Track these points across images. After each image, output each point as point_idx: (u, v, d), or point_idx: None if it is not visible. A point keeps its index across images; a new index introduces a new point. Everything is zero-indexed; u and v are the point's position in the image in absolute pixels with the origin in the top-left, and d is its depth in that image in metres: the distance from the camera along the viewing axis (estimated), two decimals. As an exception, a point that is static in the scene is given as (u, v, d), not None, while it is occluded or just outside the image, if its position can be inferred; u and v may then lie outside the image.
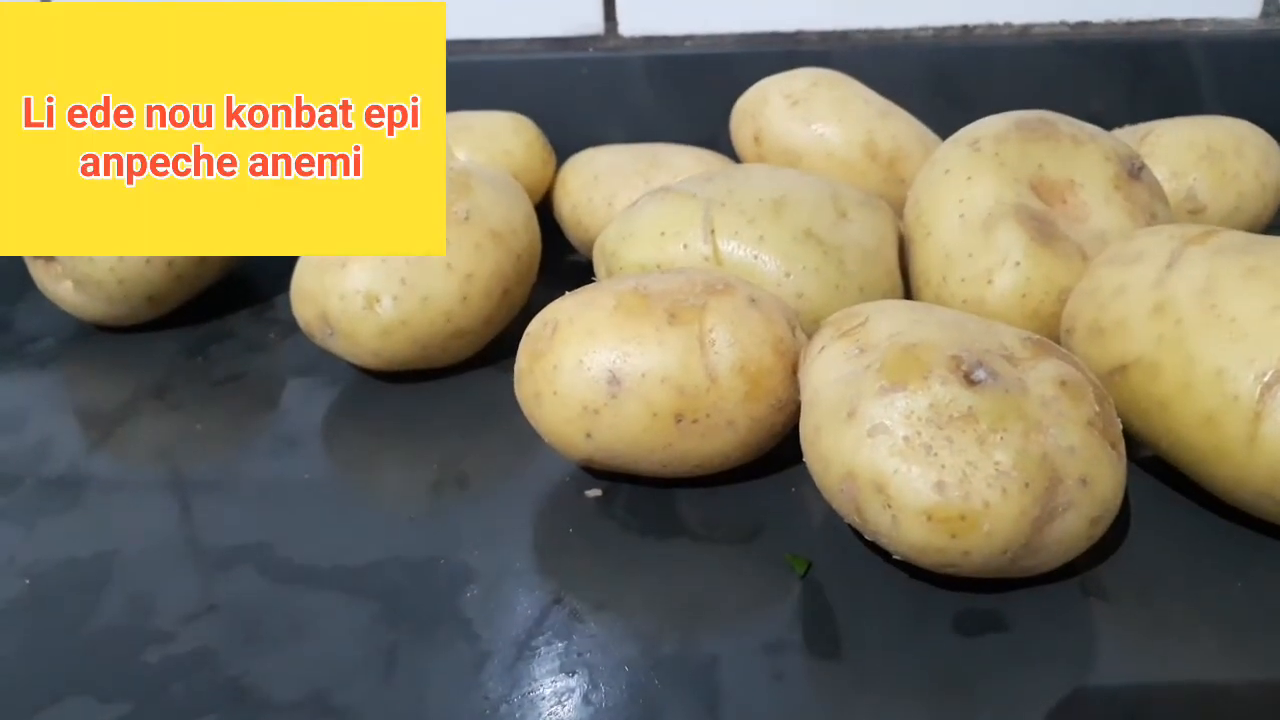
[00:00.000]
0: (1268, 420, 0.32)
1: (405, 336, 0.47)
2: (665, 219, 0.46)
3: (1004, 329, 0.35)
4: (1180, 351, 0.35)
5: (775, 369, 0.38)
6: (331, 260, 0.47)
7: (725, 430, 0.38)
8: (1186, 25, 0.61)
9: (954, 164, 0.45)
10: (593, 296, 0.39)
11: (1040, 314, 0.42)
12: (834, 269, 0.44)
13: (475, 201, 0.49)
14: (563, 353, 0.38)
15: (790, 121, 0.54)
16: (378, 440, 0.46)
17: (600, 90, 0.65)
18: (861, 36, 0.63)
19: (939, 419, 0.31)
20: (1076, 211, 0.45)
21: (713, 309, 0.38)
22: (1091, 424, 0.32)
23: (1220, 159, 0.50)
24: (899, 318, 0.35)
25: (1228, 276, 0.35)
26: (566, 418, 0.38)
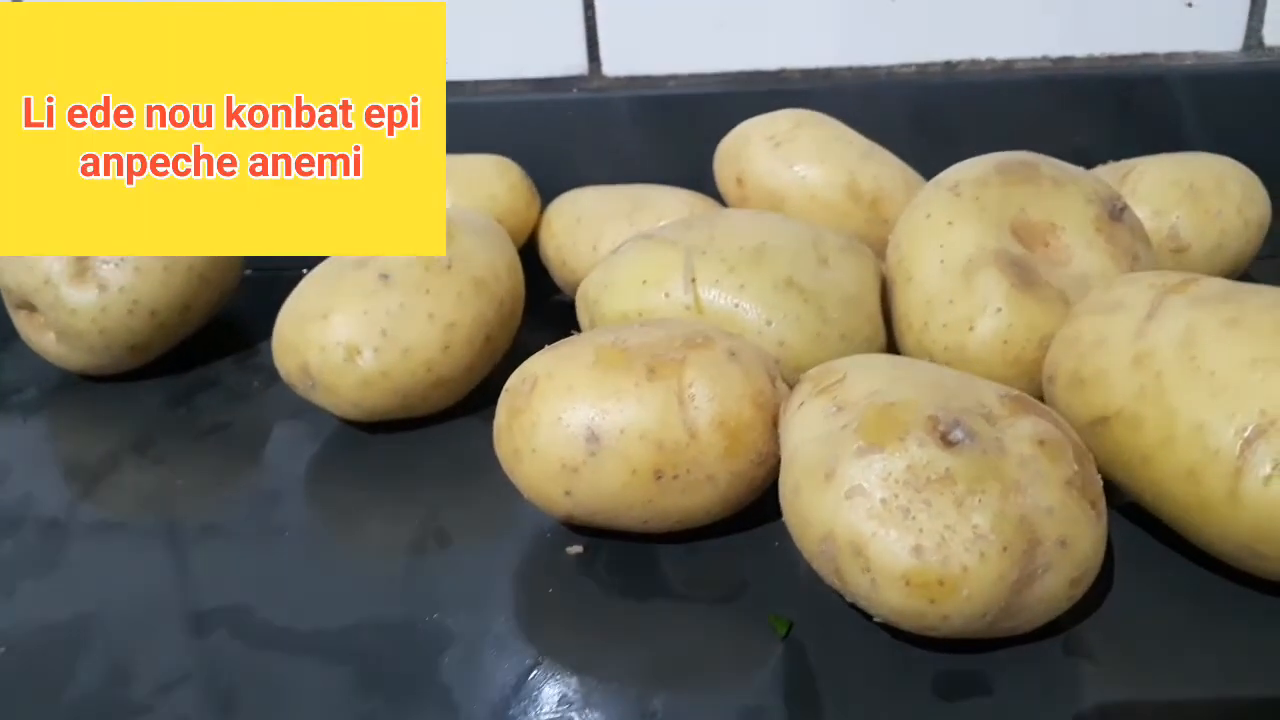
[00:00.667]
0: (1248, 476, 0.32)
1: (386, 388, 0.47)
2: (646, 267, 0.46)
3: (983, 385, 0.35)
4: (1161, 405, 0.35)
5: (755, 423, 0.38)
6: (312, 312, 0.47)
7: (706, 486, 0.38)
8: (1169, 59, 0.61)
9: (935, 208, 0.45)
10: (572, 351, 0.39)
11: (1022, 360, 0.42)
12: (815, 317, 0.44)
13: (458, 249, 0.49)
14: (541, 409, 0.38)
15: (772, 163, 0.54)
16: (359, 494, 0.46)
17: (585, 131, 0.65)
18: (845, 74, 0.63)
19: (916, 481, 0.31)
20: (1058, 255, 0.45)
21: (692, 363, 0.38)
22: (1070, 483, 0.32)
23: (1202, 197, 0.50)
24: (877, 374, 0.35)
25: (1207, 328, 0.35)
26: (545, 475, 0.38)
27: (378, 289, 0.47)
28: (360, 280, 0.47)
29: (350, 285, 0.47)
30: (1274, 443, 0.32)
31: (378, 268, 0.48)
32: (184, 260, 0.55)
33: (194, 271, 0.55)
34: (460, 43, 0.65)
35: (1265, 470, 0.32)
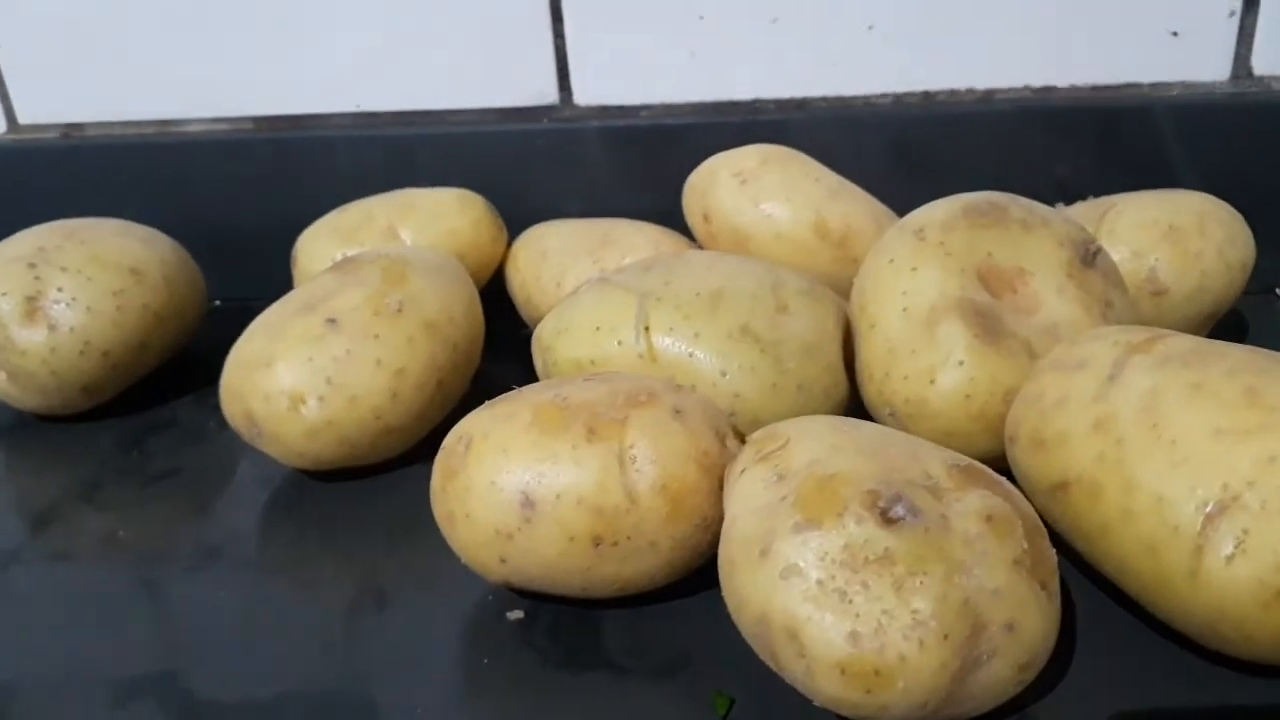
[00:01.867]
0: (1209, 554, 0.30)
1: (332, 437, 0.45)
2: (600, 313, 0.45)
3: (932, 452, 0.33)
4: (1120, 474, 0.33)
5: (700, 486, 0.36)
6: (256, 358, 0.46)
7: (648, 552, 0.36)
8: (1154, 89, 0.59)
9: (898, 253, 0.44)
10: (510, 409, 0.37)
11: (985, 415, 0.40)
12: (771, 367, 0.43)
13: (410, 291, 0.48)
14: (475, 473, 0.36)
15: (739, 201, 0.53)
16: (300, 550, 0.44)
17: (556, 162, 0.63)
18: (820, 105, 0.62)
19: (854, 561, 0.29)
20: (1026, 302, 0.43)
21: (634, 423, 0.36)
22: (1019, 563, 0.30)
23: (1183, 237, 0.48)
24: (820, 441, 0.33)
25: (1171, 392, 0.33)
26: (479, 541, 0.36)
27: (324, 334, 0.46)
28: (306, 325, 0.46)
29: (296, 330, 0.46)
30: (1237, 520, 0.30)
31: (325, 312, 0.46)
32: (138, 299, 0.54)
33: (149, 310, 0.54)
34: (427, 71, 0.64)
35: (1227, 549, 0.30)
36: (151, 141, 0.66)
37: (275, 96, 0.66)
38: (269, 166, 0.66)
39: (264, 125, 0.67)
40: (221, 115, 0.67)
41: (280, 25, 0.63)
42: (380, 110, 0.66)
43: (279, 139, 0.66)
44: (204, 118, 0.68)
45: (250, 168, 0.66)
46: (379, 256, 0.50)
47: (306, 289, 0.49)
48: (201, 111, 0.67)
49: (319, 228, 0.58)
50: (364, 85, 0.65)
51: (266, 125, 0.67)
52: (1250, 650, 0.31)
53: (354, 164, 0.65)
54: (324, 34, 0.63)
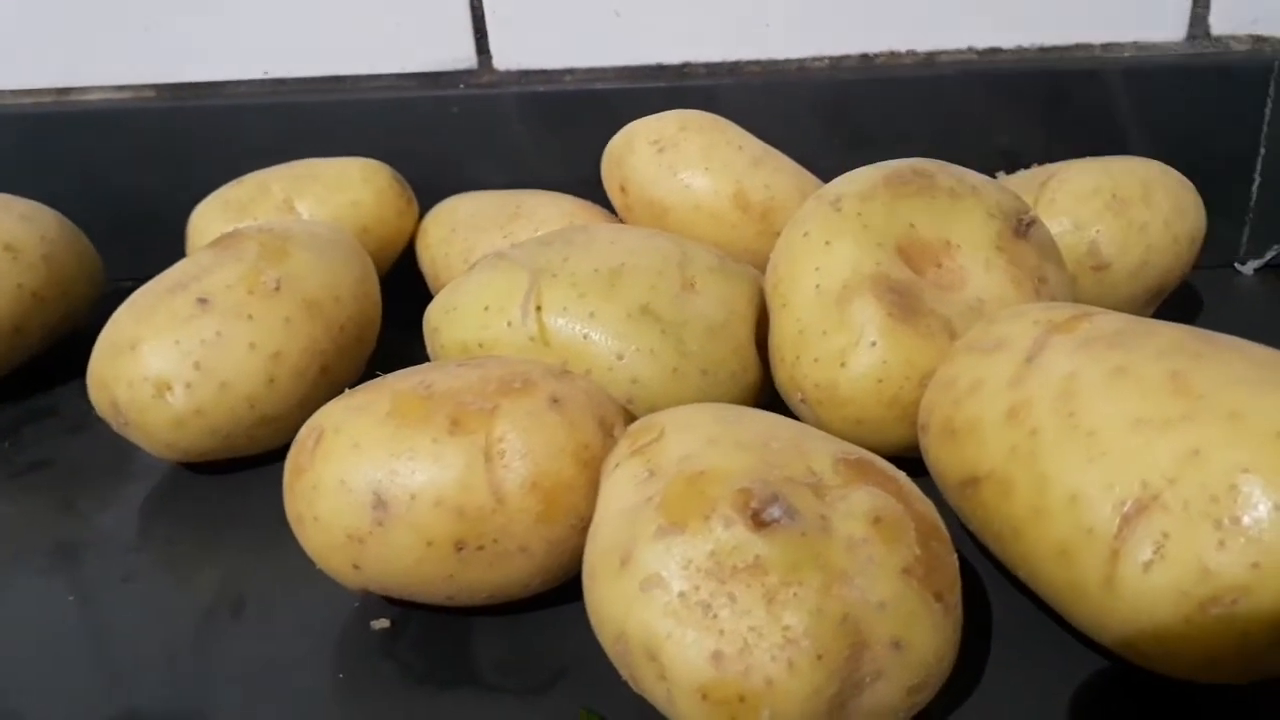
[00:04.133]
0: (1125, 560, 0.27)
1: (202, 427, 0.42)
2: (490, 292, 0.41)
3: (820, 445, 0.29)
4: (1033, 469, 0.29)
5: (576, 483, 0.32)
6: (121, 342, 0.42)
7: (518, 557, 0.32)
8: (1105, 50, 0.55)
9: (813, 226, 0.40)
10: (368, 399, 0.34)
11: (900, 401, 0.37)
12: (672, 350, 0.39)
13: (290, 268, 0.44)
14: (323, 470, 0.32)
15: (656, 170, 0.49)
16: (164, 552, 0.40)
17: (474, 130, 0.59)
18: (753, 68, 0.58)
19: (721, 570, 0.26)
20: (950, 278, 0.40)
21: (504, 413, 0.32)
22: (909, 572, 0.26)
23: (1126, 207, 0.44)
24: (696, 434, 0.29)
25: (1091, 377, 0.30)
26: (330, 546, 0.33)
27: (193, 315, 0.42)
28: (175, 306, 0.42)
29: (164, 312, 0.42)
30: (1156, 522, 0.27)
31: (197, 291, 0.43)
32: (12, 278, 0.50)
33: (25, 290, 0.50)
34: (338, 36, 0.60)
35: (1145, 555, 0.27)
36: (48, 111, 0.62)
37: (180, 63, 0.62)
38: (173, 137, 0.62)
39: (167, 93, 0.63)
40: (123, 82, 0.63)
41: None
42: (289, 77, 0.61)
43: (183, 107, 0.62)
44: (105, 85, 0.63)
45: (154, 138, 0.62)
46: (259, 231, 0.46)
47: (181, 266, 0.45)
48: (102, 79, 0.63)
49: (211, 202, 0.54)
50: (272, 50, 0.61)
51: (170, 93, 0.63)
52: (1172, 667, 0.28)
53: (262, 134, 0.61)
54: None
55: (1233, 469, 0.26)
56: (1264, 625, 0.25)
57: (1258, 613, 0.25)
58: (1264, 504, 0.25)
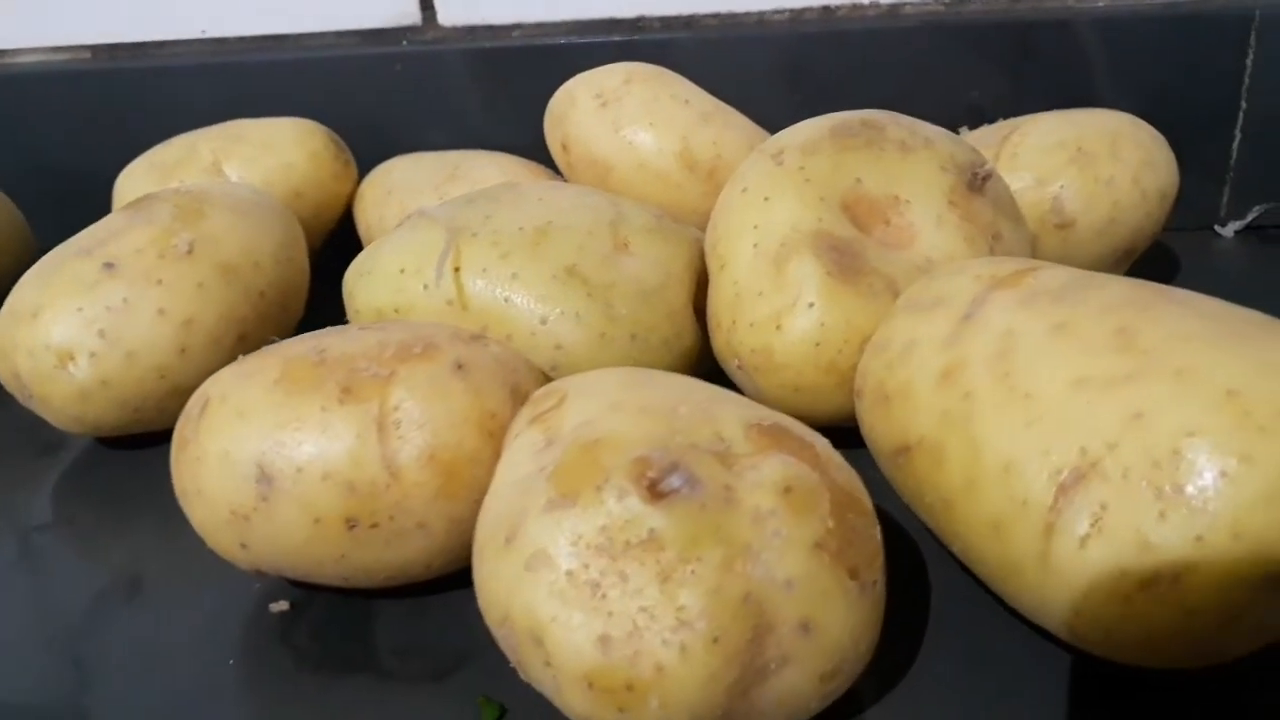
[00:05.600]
0: (1060, 535, 0.25)
1: (109, 399, 0.39)
2: (407, 253, 0.38)
3: (733, 410, 0.27)
4: (965, 435, 0.27)
5: (481, 455, 0.30)
6: (23, 308, 0.40)
7: (416, 535, 0.30)
8: (1078, 0, 0.53)
9: (752, 181, 0.37)
10: (258, 365, 0.31)
11: (838, 367, 0.34)
12: (599, 313, 0.36)
13: (205, 231, 0.41)
14: (207, 441, 0.30)
15: (598, 126, 0.46)
16: (64, 530, 0.38)
17: (418, 89, 0.57)
18: (710, 22, 0.55)
19: (613, 546, 0.23)
20: (899, 235, 0.37)
21: (401, 380, 0.30)
22: (821, 547, 0.24)
23: (1092, 162, 0.42)
24: (598, 399, 0.27)
25: (1030, 335, 0.27)
26: (215, 523, 0.30)
27: (99, 280, 0.39)
28: (80, 270, 0.40)
29: (68, 276, 0.40)
30: (1094, 492, 0.24)
31: (104, 256, 0.40)
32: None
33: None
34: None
35: (1082, 528, 0.24)
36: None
37: (116, 23, 0.59)
38: (110, 99, 0.59)
39: (104, 54, 0.60)
40: (59, 44, 0.61)
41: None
42: (228, 36, 0.59)
43: (120, 69, 0.59)
44: (39, 47, 0.61)
45: (90, 101, 0.60)
46: (175, 193, 0.43)
47: (90, 230, 0.42)
48: (35, 40, 0.61)
49: (138, 164, 0.51)
50: (210, 8, 0.58)
51: (106, 54, 0.60)
52: (1111, 650, 0.25)
53: (201, 95, 0.58)
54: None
55: (1177, 432, 0.23)
56: (1210, 605, 0.23)
57: (1202, 591, 0.23)
58: (1210, 470, 0.23)
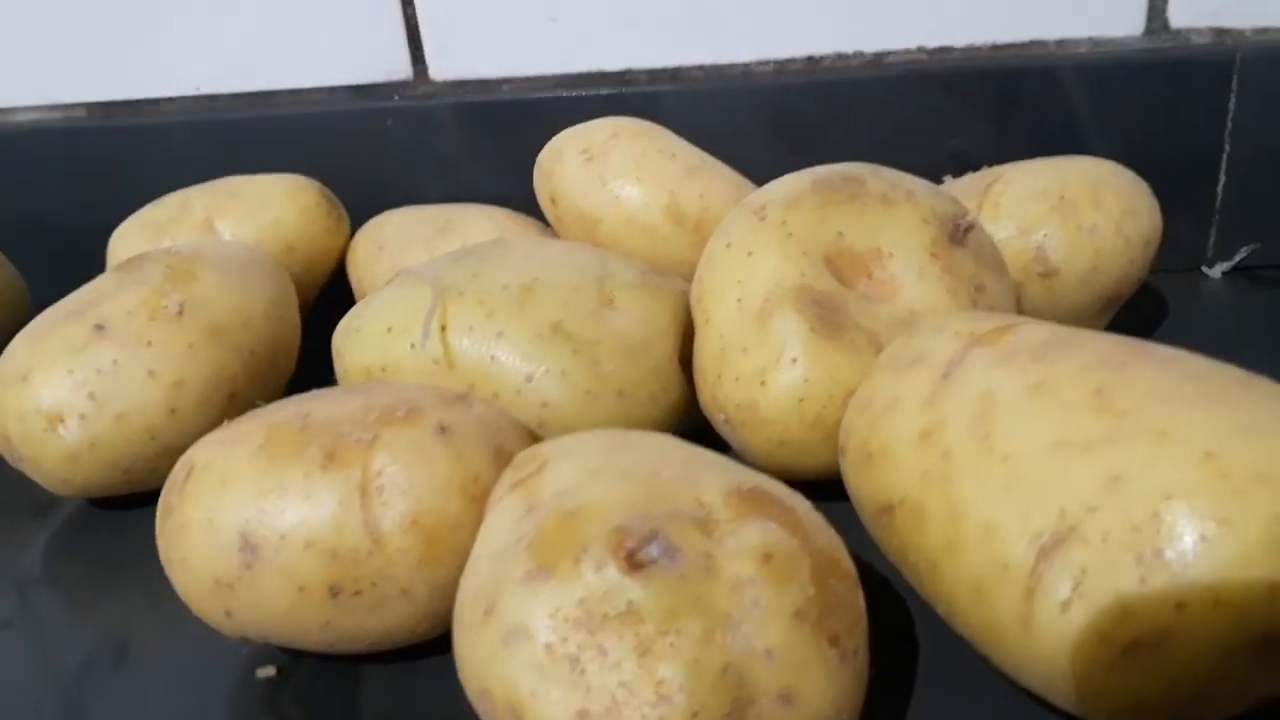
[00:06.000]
0: (1041, 599, 0.24)
1: (98, 460, 0.40)
2: (394, 312, 0.39)
3: (714, 474, 0.27)
4: (946, 497, 0.27)
5: (464, 520, 0.30)
6: (12, 372, 0.40)
7: (400, 602, 0.30)
8: (1060, 47, 0.53)
9: (736, 236, 0.38)
10: (242, 432, 0.31)
11: (824, 422, 0.34)
12: (586, 370, 0.37)
13: (196, 292, 0.42)
14: (191, 509, 0.30)
15: (585, 181, 0.47)
16: (53, 594, 0.38)
17: (410, 143, 0.57)
18: (696, 74, 0.56)
19: (591, 619, 0.23)
20: (882, 289, 0.37)
21: (384, 445, 0.30)
22: (801, 615, 0.24)
23: (1074, 210, 0.42)
24: (579, 465, 0.27)
25: (1008, 395, 0.27)
26: (200, 592, 0.30)
27: (89, 343, 0.40)
28: (70, 333, 0.40)
29: (58, 339, 0.40)
30: (1074, 556, 0.24)
31: (94, 317, 0.40)
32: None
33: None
34: (270, 49, 0.58)
35: (1063, 593, 0.24)
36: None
37: (111, 81, 0.60)
38: (105, 157, 0.60)
39: (99, 111, 0.61)
40: (55, 102, 0.61)
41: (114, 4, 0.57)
42: (222, 92, 0.60)
43: (114, 126, 0.60)
44: (36, 105, 0.62)
45: (85, 158, 0.60)
46: (167, 253, 0.44)
47: (82, 291, 0.43)
48: (32, 99, 0.61)
49: (131, 223, 0.52)
50: (204, 66, 0.59)
51: (101, 111, 0.61)
52: (1096, 714, 0.25)
53: (196, 152, 0.59)
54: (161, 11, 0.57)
55: (1156, 495, 0.23)
56: (1193, 671, 0.23)
57: (1183, 658, 0.23)
58: (1189, 535, 0.23)
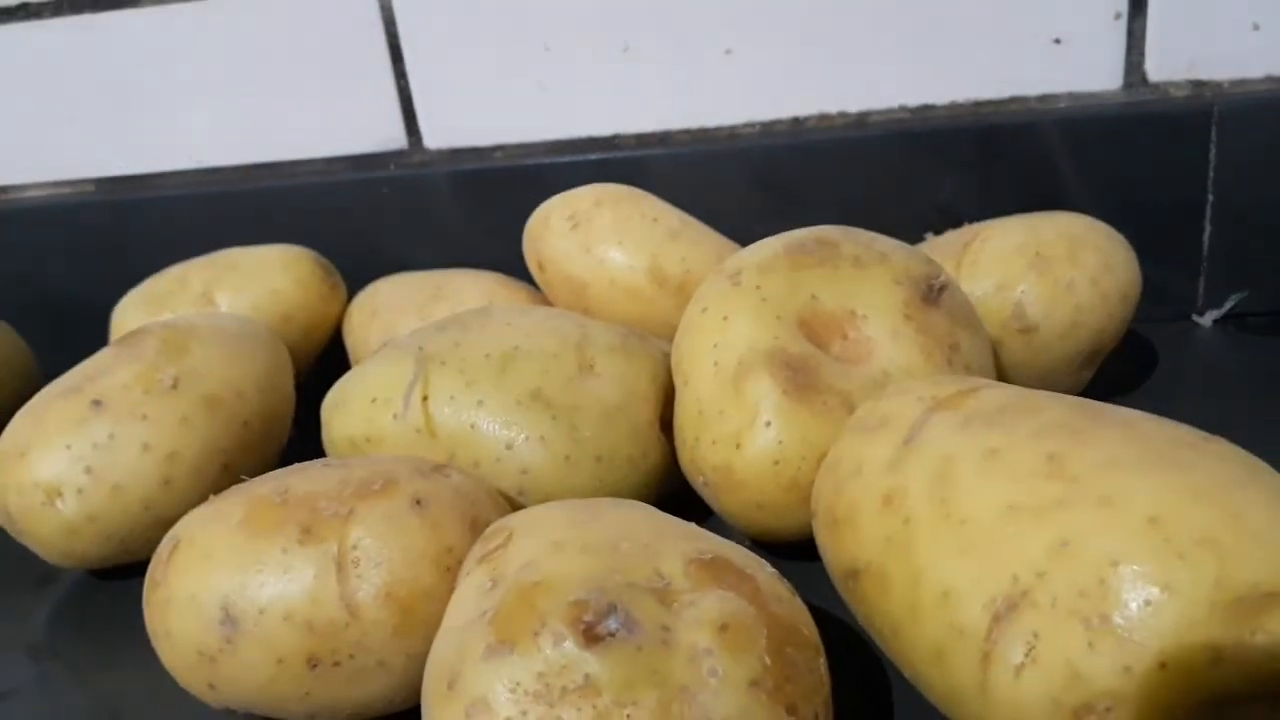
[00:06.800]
0: (996, 664, 0.25)
1: (96, 533, 0.40)
2: (378, 383, 0.40)
3: (675, 544, 0.27)
4: (908, 562, 0.27)
5: (438, 591, 0.31)
6: (12, 448, 0.41)
7: (378, 673, 0.31)
8: (1041, 103, 0.54)
9: (711, 301, 0.38)
10: (225, 507, 0.32)
11: (799, 484, 0.35)
12: (564, 436, 0.37)
13: (189, 365, 0.43)
14: (176, 584, 0.31)
15: (571, 246, 0.48)
16: (49, 665, 0.39)
17: (406, 211, 0.59)
18: (683, 137, 0.57)
19: (550, 692, 0.24)
20: (856, 350, 0.38)
21: (359, 519, 0.31)
22: (757, 684, 0.24)
23: (1051, 266, 0.42)
24: (542, 538, 0.28)
25: (965, 460, 0.28)
26: (184, 665, 0.31)
27: (86, 418, 0.41)
28: (68, 409, 0.41)
29: (56, 415, 0.41)
30: (1026, 621, 0.24)
31: (92, 393, 0.42)
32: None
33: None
34: (270, 123, 0.60)
35: (1016, 658, 0.24)
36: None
37: (118, 157, 0.62)
38: (113, 230, 0.62)
39: (107, 187, 0.63)
40: (64, 178, 0.63)
41: (119, 84, 0.59)
42: (223, 165, 0.61)
43: (121, 201, 0.62)
44: (44, 181, 0.64)
45: (94, 233, 0.62)
46: (163, 327, 0.45)
47: (80, 368, 0.44)
48: (43, 175, 0.63)
49: (132, 297, 0.53)
50: (206, 140, 0.61)
51: (109, 187, 0.63)
52: (1056, 780, 0.25)
53: (198, 224, 0.61)
54: (165, 89, 0.59)
55: (1102, 561, 0.24)
56: (1144, 735, 0.23)
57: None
58: (1135, 600, 0.23)
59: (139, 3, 0.58)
